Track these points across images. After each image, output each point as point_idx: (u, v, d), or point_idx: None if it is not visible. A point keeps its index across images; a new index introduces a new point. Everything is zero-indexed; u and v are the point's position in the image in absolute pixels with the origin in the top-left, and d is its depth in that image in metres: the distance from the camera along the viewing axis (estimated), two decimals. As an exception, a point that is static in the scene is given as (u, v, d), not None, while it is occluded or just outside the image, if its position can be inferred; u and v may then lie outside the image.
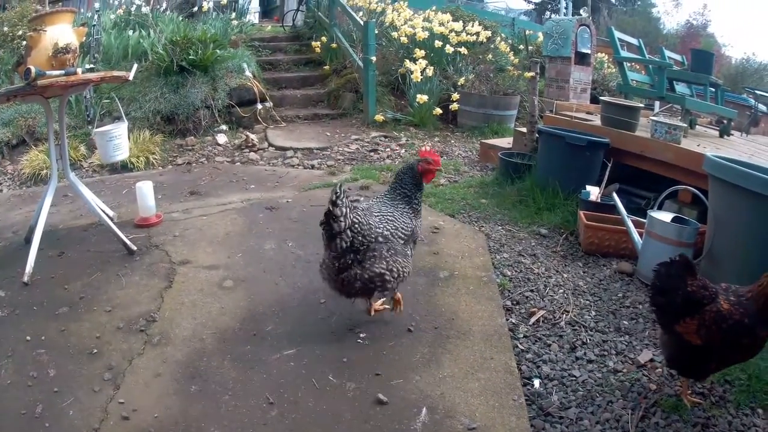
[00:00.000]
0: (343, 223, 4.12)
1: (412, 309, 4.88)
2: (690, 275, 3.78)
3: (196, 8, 18.84)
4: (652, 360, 4.53)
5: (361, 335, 4.45)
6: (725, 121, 10.45)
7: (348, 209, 4.17)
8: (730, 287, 3.79)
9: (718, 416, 3.86)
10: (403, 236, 4.43)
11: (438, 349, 4.37)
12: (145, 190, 6.31)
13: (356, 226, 4.20)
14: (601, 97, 10.71)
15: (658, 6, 65.83)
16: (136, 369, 3.88)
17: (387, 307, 4.87)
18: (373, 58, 12.23)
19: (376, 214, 4.41)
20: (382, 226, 4.35)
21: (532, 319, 5.06)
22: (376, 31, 13.66)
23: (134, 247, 5.62)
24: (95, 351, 4.05)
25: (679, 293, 3.72)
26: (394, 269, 4.34)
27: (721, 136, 10.23)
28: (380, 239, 4.30)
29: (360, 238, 4.22)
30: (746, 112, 14.24)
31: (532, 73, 9.89)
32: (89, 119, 9.80)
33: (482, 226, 7.07)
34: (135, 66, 6.34)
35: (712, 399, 4.04)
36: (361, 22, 12.87)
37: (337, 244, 4.17)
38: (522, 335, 4.77)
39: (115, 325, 4.37)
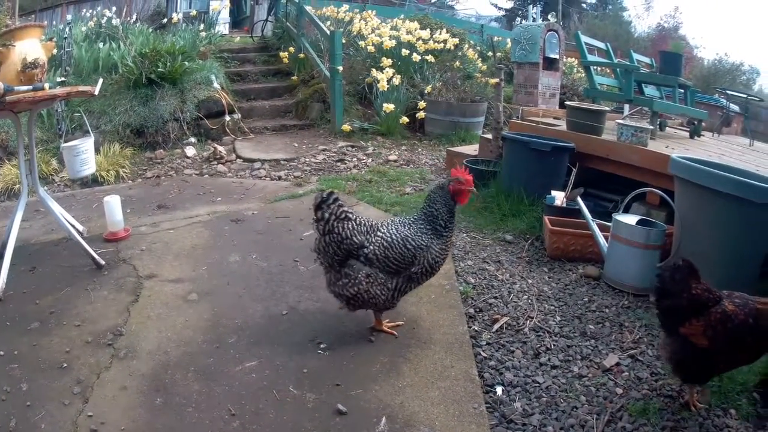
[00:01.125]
0: (322, 228, 4.34)
1: (373, 318, 4.83)
2: (694, 279, 3.82)
3: (165, 20, 18.89)
4: (618, 364, 4.57)
5: (322, 346, 4.47)
6: (696, 122, 10.56)
7: (332, 216, 4.31)
8: (733, 293, 3.84)
9: (688, 418, 3.90)
10: (392, 267, 4.33)
11: (398, 359, 4.39)
12: (113, 204, 6.34)
13: (334, 235, 4.30)
14: (567, 102, 10.81)
15: (630, 10, 65.96)
16: (103, 382, 3.91)
17: (395, 329, 4.78)
18: (340, 68, 12.30)
19: (382, 235, 4.36)
20: (371, 248, 4.31)
21: (496, 326, 5.05)
22: (344, 41, 13.82)
23: (102, 262, 5.65)
24: (65, 365, 4.08)
25: (684, 296, 3.77)
26: (363, 297, 4.35)
27: (691, 137, 10.34)
28: (362, 259, 4.32)
29: (334, 246, 4.32)
30: (718, 112, 14.31)
31: (496, 80, 9.94)
32: (60, 133, 9.81)
33: None
34: (100, 81, 6.36)
35: (681, 401, 4.08)
36: (328, 32, 12.94)
37: (317, 245, 4.43)
38: (485, 342, 4.78)
39: (84, 340, 4.41)
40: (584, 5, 57.24)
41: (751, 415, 3.96)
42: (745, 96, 13.67)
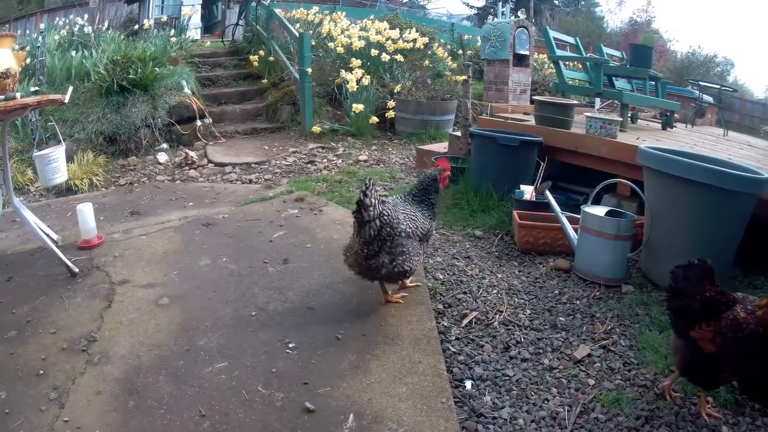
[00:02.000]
0: (372, 213, 4.55)
1: (341, 317, 4.94)
2: (708, 279, 3.67)
3: (137, 26, 18.89)
4: (589, 355, 4.60)
5: (290, 345, 4.49)
6: (668, 114, 10.67)
7: (377, 200, 4.59)
8: (747, 297, 3.73)
9: (663, 408, 3.92)
10: (420, 235, 4.97)
11: (366, 356, 4.41)
12: (86, 212, 6.37)
13: (385, 217, 4.64)
14: (535, 97, 10.91)
15: (602, 5, 66.19)
16: (78, 388, 3.95)
17: (402, 300, 5.26)
18: (309, 70, 12.37)
19: (401, 212, 4.90)
20: (405, 223, 4.85)
21: (465, 321, 5.06)
22: (313, 42, 13.89)
23: (76, 270, 5.67)
24: (41, 372, 4.12)
25: (697, 297, 3.63)
26: (413, 265, 4.92)
27: (663, 128, 10.46)
28: (404, 234, 4.80)
29: (388, 228, 4.68)
30: (691, 104, 14.43)
31: (464, 77, 10.00)
32: (35, 142, 9.77)
33: None
34: (70, 89, 6.40)
35: (656, 390, 4.11)
36: (297, 34, 13.01)
37: (366, 232, 4.61)
38: (454, 338, 4.80)
39: (60, 347, 4.45)
40: (556, 2, 57.32)
41: (729, 402, 3.99)
42: (718, 87, 13.76)
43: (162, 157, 10.71)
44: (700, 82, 14.24)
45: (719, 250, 5.42)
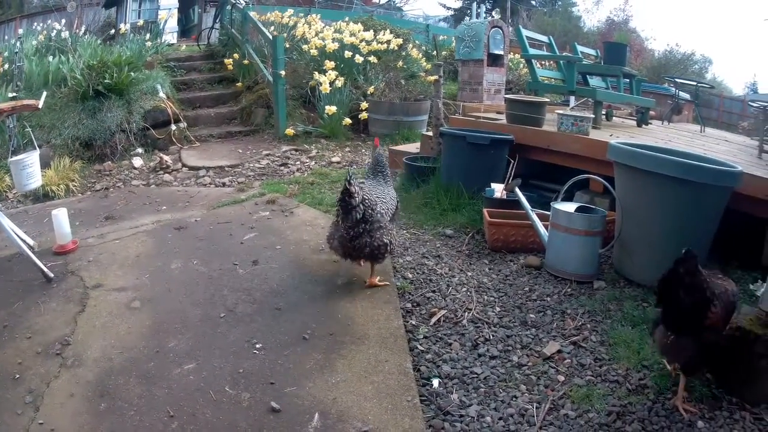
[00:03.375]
0: (357, 199, 5.05)
1: (308, 317, 4.97)
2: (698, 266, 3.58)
3: (113, 31, 18.88)
4: (559, 351, 4.62)
5: (258, 346, 4.53)
6: (643, 111, 10.78)
7: (359, 188, 5.10)
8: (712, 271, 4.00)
9: (636, 403, 3.94)
10: (391, 213, 5.52)
11: (332, 355, 4.44)
12: (61, 217, 6.43)
13: (366, 201, 5.15)
14: (506, 95, 11.00)
15: (579, 5, 66.22)
16: (53, 391, 4.00)
17: (386, 283, 5.64)
18: (282, 73, 12.43)
19: (374, 194, 5.39)
20: (380, 204, 5.34)
21: (433, 320, 5.10)
22: (287, 45, 14.03)
23: (51, 275, 5.71)
24: (17, 376, 4.17)
25: (705, 287, 3.56)
26: (393, 240, 5.38)
27: (639, 125, 10.55)
28: (380, 214, 5.27)
29: (369, 211, 5.16)
30: (668, 101, 14.50)
31: (435, 77, 10.07)
32: (12, 148, 9.78)
33: None
34: (44, 94, 6.49)
35: (628, 386, 4.14)
36: (271, 37, 13.03)
37: (353, 216, 5.09)
38: (422, 336, 4.84)
39: (35, 351, 4.49)
40: (533, 2, 57.40)
41: (705, 396, 4.00)
42: (695, 84, 13.88)
43: (137, 162, 10.74)
44: (677, 79, 14.35)
45: (693, 245, 5.26)
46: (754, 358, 3.86)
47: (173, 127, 12.06)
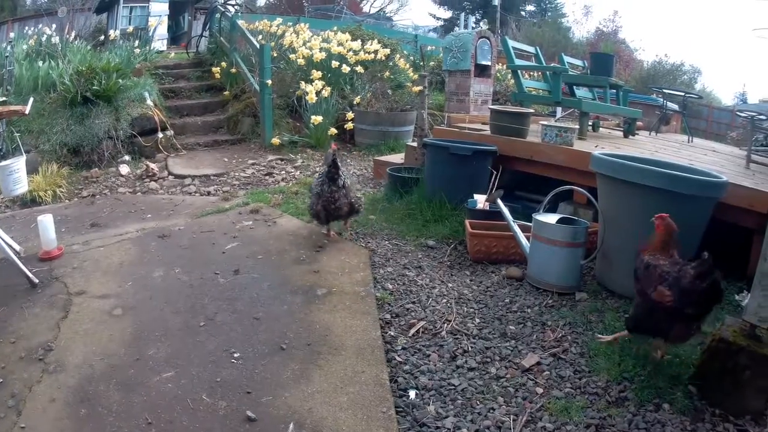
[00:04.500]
0: (341, 171, 6.92)
1: (286, 327, 5.01)
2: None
3: (103, 37, 18.89)
4: (538, 363, 4.63)
5: (236, 355, 4.56)
6: (630, 122, 10.85)
7: (340, 164, 6.98)
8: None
9: (615, 415, 3.95)
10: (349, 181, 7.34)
11: (309, 366, 4.46)
12: (46, 223, 6.45)
13: (344, 173, 7.06)
14: (489, 106, 11.04)
15: (569, 15, 66.33)
16: (35, 395, 4.03)
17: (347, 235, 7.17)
18: (269, 82, 12.47)
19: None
20: (343, 177, 7.01)
21: (412, 331, 5.11)
22: (275, 54, 14.08)
23: (36, 281, 5.74)
24: (1, 380, 4.20)
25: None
26: (362, 198, 7.60)
27: (625, 136, 10.62)
28: (348, 182, 7.08)
29: (347, 180, 6.99)
30: (656, 111, 14.55)
31: (419, 88, 10.13)
32: (2, 153, 9.85)
33: (368, 243, 7.21)
34: (31, 100, 6.50)
35: (608, 398, 4.14)
36: (258, 46, 13.07)
37: (338, 182, 6.79)
38: (400, 347, 4.86)
39: (18, 355, 4.52)
40: (523, 12, 57.51)
41: (687, 409, 3.99)
42: (682, 94, 13.92)
43: (124, 169, 10.78)
44: (664, 90, 14.40)
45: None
46: (738, 370, 3.91)
47: (160, 135, 12.08)
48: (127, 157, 11.46)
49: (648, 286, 4.28)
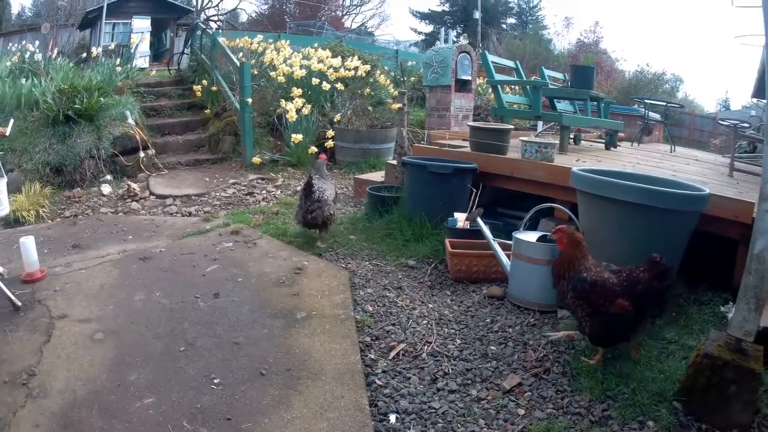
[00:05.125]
0: (315, 187, 7.61)
1: (266, 352, 4.98)
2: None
3: (85, 54, 18.89)
4: (520, 384, 4.58)
5: (216, 381, 4.54)
6: (611, 134, 10.92)
7: (316, 181, 7.74)
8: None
9: None
10: (332, 197, 8.01)
11: (289, 391, 4.43)
12: (28, 245, 6.43)
13: (320, 189, 7.67)
14: (468, 123, 11.08)
15: (550, 27, 66.59)
16: (19, 420, 4.04)
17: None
18: (249, 100, 12.53)
19: (324, 186, 7.84)
20: (327, 191, 7.80)
21: (392, 353, 5.10)
22: (256, 72, 14.16)
23: (19, 303, 5.73)
24: None
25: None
26: (333, 212, 7.93)
27: (607, 148, 10.70)
28: (326, 195, 7.68)
29: (321, 195, 7.62)
30: (638, 122, 14.61)
31: (399, 105, 10.15)
32: (-16, 175, 9.86)
33: (348, 263, 7.21)
34: (12, 121, 6.52)
35: (591, 418, 4.10)
36: (238, 63, 13.11)
37: (313, 197, 7.56)
38: (381, 371, 4.84)
39: (2, 380, 4.51)
40: (504, 25, 57.69)
41: (673, 425, 3.98)
42: (664, 104, 14.08)
43: (106, 189, 10.81)
44: (646, 100, 14.49)
45: None
46: (724, 384, 3.94)
47: (142, 154, 12.10)
48: (108, 177, 11.49)
49: (604, 303, 4.43)
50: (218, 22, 20.18)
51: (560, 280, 4.81)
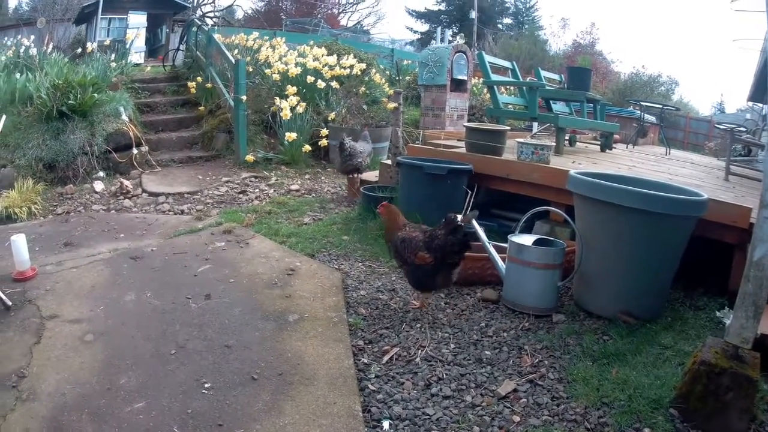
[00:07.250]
0: (347, 144, 9.80)
1: (258, 356, 4.89)
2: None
3: (80, 49, 18.83)
4: (515, 390, 4.54)
5: (207, 386, 4.46)
6: (607, 135, 10.89)
7: (348, 141, 9.92)
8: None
9: None
10: (366, 154, 10.21)
11: (281, 396, 4.37)
12: (20, 243, 6.39)
13: (350, 147, 9.85)
14: (465, 124, 11.04)
15: (546, 28, 66.74)
16: (9, 424, 3.99)
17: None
18: (244, 98, 12.48)
19: (356, 144, 10.11)
20: (358, 147, 9.98)
21: (385, 358, 5.02)
22: (251, 69, 14.13)
23: (10, 303, 5.68)
24: None
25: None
26: (364, 162, 10.03)
27: (602, 150, 10.66)
28: (358, 153, 9.87)
29: (352, 151, 9.80)
30: (633, 124, 14.63)
31: (394, 104, 10.23)
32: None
33: (341, 265, 7.16)
34: (3, 117, 6.52)
35: (587, 425, 4.08)
36: (233, 60, 13.04)
37: (345, 153, 9.81)
38: (374, 375, 4.76)
39: None
40: (500, 25, 57.71)
41: None
42: (660, 106, 14.02)
43: (98, 186, 10.77)
44: (642, 102, 14.44)
45: (655, 274, 5.51)
46: (721, 391, 3.92)
47: (135, 150, 12.07)
48: (101, 174, 11.46)
49: (409, 255, 5.63)
50: (214, 19, 20.09)
51: (388, 242, 6.10)
